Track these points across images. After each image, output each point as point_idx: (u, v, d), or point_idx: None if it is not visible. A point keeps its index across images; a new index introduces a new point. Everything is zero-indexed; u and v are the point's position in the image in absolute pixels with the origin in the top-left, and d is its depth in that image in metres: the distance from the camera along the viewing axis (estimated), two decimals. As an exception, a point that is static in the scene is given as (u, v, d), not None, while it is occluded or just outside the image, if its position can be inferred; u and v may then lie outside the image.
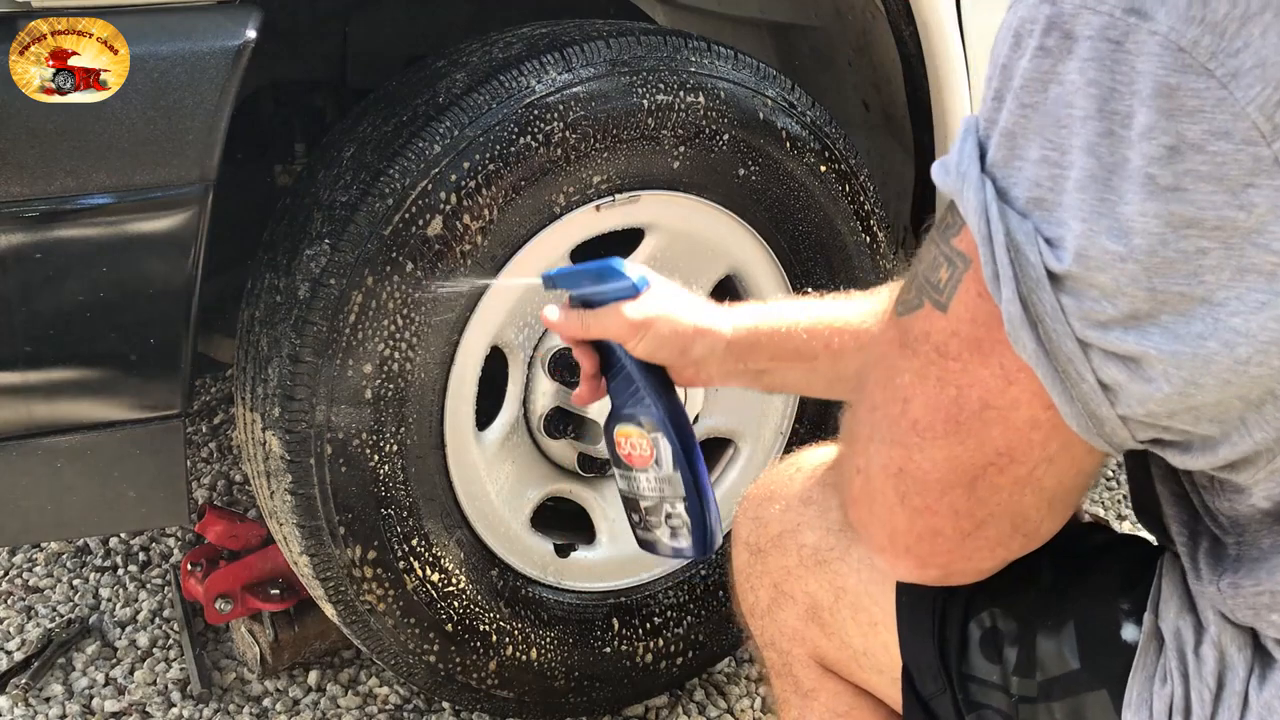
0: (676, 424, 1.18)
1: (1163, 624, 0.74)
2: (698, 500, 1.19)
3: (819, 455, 1.05)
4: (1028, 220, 0.60)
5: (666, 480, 1.21)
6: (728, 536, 1.15)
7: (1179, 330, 0.58)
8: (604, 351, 1.19)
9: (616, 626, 1.63)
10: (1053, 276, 0.60)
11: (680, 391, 1.29)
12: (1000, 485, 0.68)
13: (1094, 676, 0.77)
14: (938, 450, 0.68)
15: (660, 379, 1.17)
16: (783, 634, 1.01)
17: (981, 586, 0.79)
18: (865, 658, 0.95)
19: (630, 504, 1.24)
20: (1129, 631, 0.77)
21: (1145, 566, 0.80)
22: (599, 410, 1.52)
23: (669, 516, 1.22)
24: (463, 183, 1.36)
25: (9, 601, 2.03)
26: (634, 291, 1.14)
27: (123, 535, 2.18)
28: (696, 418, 1.61)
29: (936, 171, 0.66)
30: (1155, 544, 0.84)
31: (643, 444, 1.21)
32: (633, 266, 1.17)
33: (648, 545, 1.27)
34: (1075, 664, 0.78)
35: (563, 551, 1.62)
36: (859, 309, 1.05)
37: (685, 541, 1.22)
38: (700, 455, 1.20)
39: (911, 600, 0.88)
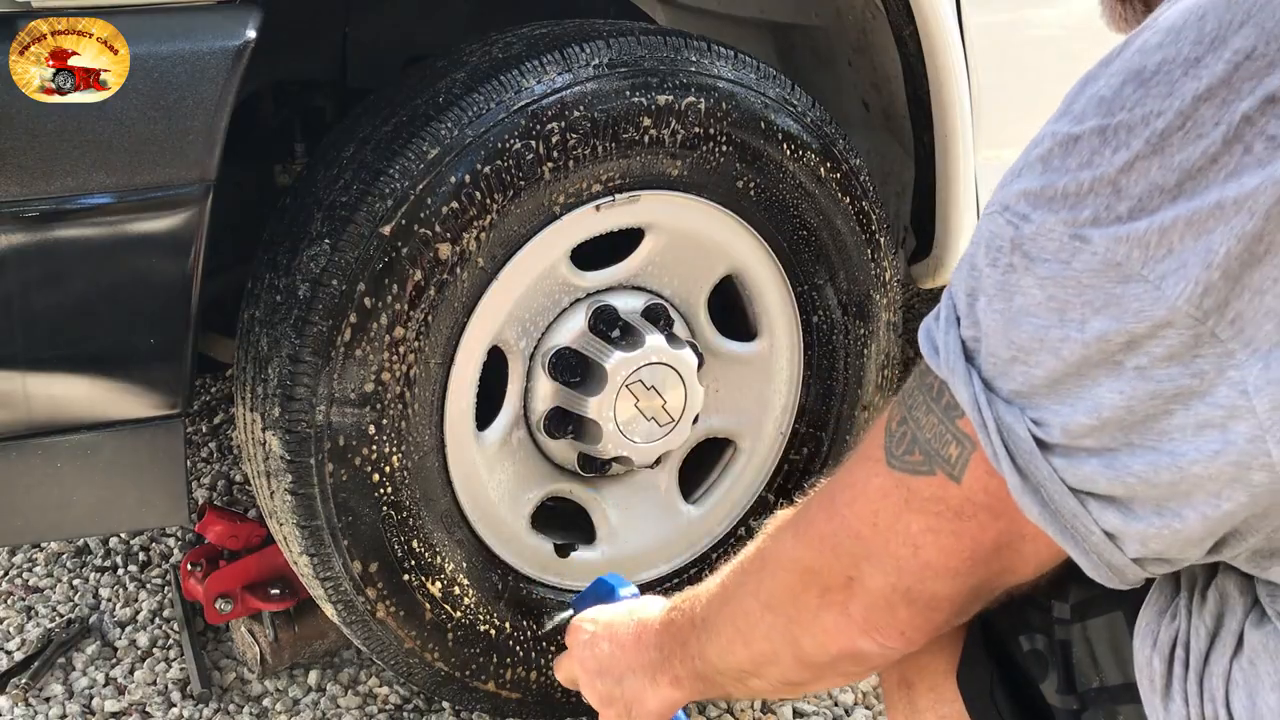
0: None
1: (1182, 568, 0.80)
2: None
3: None
4: (1014, 405, 0.69)
5: None
6: None
7: (1152, 479, 0.66)
8: None
9: (616, 626, 1.63)
10: (1043, 445, 0.69)
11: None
12: (1003, 584, 0.80)
13: (1112, 599, 0.83)
14: (950, 581, 0.79)
15: None
16: None
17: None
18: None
19: None
20: None
21: None
22: (599, 410, 1.52)
23: None
24: (463, 183, 1.36)
25: (9, 601, 2.03)
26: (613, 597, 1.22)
27: (123, 535, 2.18)
28: (697, 418, 1.61)
29: (925, 347, 0.75)
30: None
31: None
32: (629, 588, 1.23)
33: None
34: (1096, 590, 0.84)
35: (563, 551, 1.62)
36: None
37: None
38: None
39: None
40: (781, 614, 0.91)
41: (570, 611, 1.35)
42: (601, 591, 1.25)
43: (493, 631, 1.55)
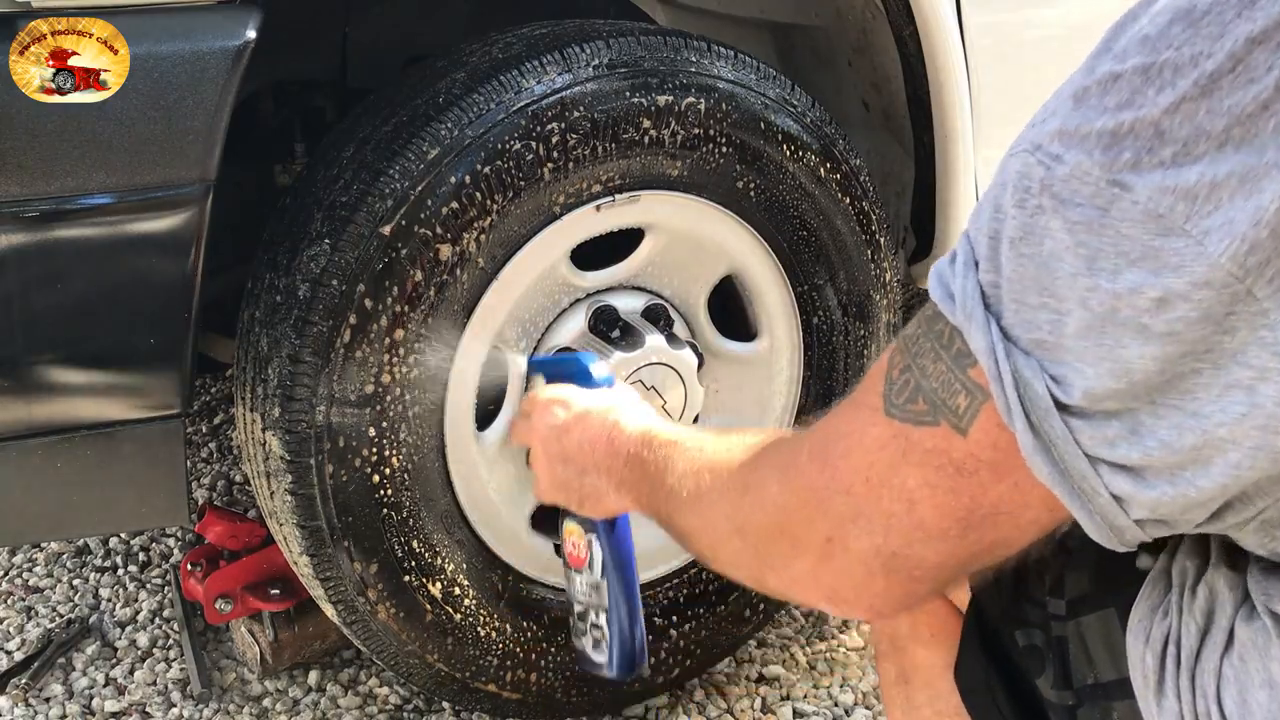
0: (613, 530, 1.15)
1: (1174, 564, 0.80)
2: (622, 615, 1.15)
3: None
4: (1032, 358, 0.67)
5: (595, 587, 1.18)
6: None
7: (1175, 444, 0.64)
8: None
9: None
10: (1060, 405, 0.66)
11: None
12: (988, 560, 0.77)
13: (1105, 595, 0.84)
14: (941, 545, 0.75)
15: None
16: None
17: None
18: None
19: (569, 606, 1.21)
20: (1143, 560, 0.83)
21: None
22: (599, 410, 1.52)
23: (593, 626, 1.19)
24: (463, 183, 1.36)
25: (9, 601, 2.03)
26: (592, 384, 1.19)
27: (123, 535, 2.18)
28: (697, 418, 1.61)
29: (938, 291, 0.72)
30: None
31: (581, 544, 1.19)
32: (600, 365, 1.21)
33: (577, 654, 1.23)
34: (1090, 587, 0.86)
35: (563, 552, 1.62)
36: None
37: (603, 657, 1.17)
38: (634, 570, 1.16)
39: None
40: (750, 545, 0.89)
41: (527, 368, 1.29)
42: (575, 372, 1.19)
43: (493, 633, 1.55)
